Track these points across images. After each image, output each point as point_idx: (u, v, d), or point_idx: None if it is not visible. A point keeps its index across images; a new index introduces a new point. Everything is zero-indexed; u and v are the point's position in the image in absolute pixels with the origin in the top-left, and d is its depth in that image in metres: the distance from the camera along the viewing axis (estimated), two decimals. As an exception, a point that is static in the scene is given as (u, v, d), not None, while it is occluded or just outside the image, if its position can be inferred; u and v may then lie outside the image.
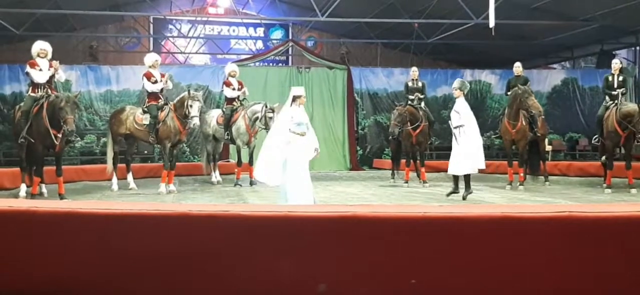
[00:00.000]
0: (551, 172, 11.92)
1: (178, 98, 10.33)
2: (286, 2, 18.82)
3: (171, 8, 18.35)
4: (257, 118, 11.34)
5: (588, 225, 3.53)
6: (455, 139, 8.57)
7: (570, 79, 17.45)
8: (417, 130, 11.35)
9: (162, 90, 10.44)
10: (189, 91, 10.30)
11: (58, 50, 11.02)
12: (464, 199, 8.52)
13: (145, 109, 10.45)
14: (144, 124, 10.40)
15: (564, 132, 17.04)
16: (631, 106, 10.01)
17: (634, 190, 9.68)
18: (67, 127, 8.38)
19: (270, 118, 11.18)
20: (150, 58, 10.67)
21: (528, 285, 3.58)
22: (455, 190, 8.79)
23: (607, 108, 10.28)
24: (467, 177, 8.63)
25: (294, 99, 6.53)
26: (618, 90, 10.21)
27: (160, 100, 10.39)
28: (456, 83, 8.86)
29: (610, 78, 10.57)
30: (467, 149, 8.50)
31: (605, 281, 3.54)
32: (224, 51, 19.65)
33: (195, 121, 9.92)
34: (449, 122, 8.94)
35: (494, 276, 3.60)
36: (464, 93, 8.71)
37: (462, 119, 8.50)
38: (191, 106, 9.90)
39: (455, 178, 8.81)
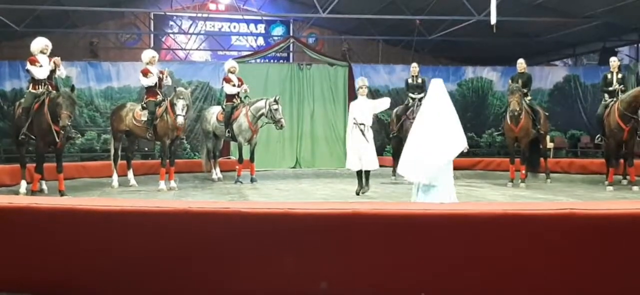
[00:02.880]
0: (553, 170, 11.89)
1: (172, 95, 10.34)
2: (287, -2, 18.82)
3: (172, 4, 18.30)
4: (262, 114, 11.31)
5: (590, 222, 3.52)
6: (364, 135, 8.73)
7: (572, 76, 17.39)
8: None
9: (160, 86, 10.42)
10: (176, 89, 10.28)
11: (58, 47, 11.00)
12: (362, 194, 8.96)
13: (144, 105, 10.44)
14: (143, 120, 10.39)
15: (565, 129, 16.99)
16: (634, 90, 9.94)
17: (635, 188, 9.66)
18: (61, 121, 8.36)
19: (276, 109, 11.17)
20: (147, 54, 10.65)
21: (529, 283, 3.57)
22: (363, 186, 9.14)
23: (606, 106, 10.24)
24: (368, 173, 9.03)
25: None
26: (616, 86, 10.17)
27: (158, 96, 10.37)
28: (366, 81, 9.30)
29: (609, 76, 10.53)
30: (373, 146, 8.92)
31: (607, 279, 3.53)
32: (224, 48, 19.61)
33: (180, 120, 9.87)
34: (364, 121, 9.02)
35: (496, 273, 3.58)
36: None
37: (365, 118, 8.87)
38: (175, 104, 9.85)
39: (366, 173, 9.10)
